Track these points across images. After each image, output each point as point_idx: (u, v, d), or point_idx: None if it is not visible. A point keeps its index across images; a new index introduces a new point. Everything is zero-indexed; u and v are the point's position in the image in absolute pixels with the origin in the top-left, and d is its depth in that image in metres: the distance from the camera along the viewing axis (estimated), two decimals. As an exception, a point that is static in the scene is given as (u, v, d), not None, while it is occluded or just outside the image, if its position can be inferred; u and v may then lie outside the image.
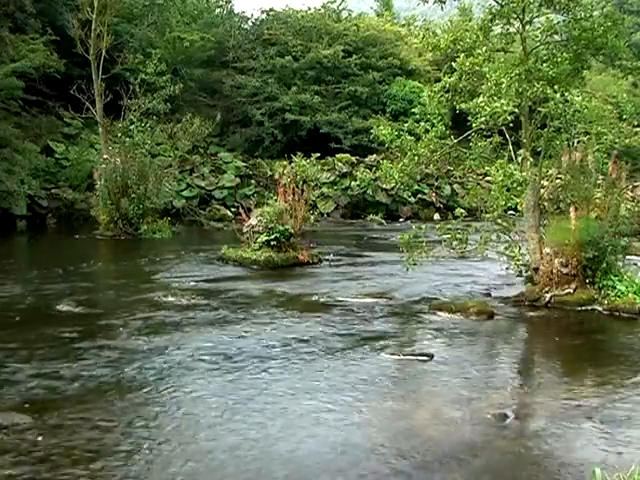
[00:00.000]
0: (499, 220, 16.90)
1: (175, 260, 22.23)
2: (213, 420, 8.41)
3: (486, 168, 17.68)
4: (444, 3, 17.14)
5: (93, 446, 7.61)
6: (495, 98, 14.66)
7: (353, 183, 38.21)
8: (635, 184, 33.75)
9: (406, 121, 18.34)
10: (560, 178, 17.63)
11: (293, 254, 21.24)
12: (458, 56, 16.20)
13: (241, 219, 23.80)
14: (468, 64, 15.93)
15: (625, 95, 25.52)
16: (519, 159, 15.95)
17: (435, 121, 16.66)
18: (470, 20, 24.08)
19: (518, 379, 11.04)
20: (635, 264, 16.65)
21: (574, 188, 16.23)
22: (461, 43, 16.33)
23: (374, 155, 41.05)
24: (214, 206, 38.54)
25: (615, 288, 15.24)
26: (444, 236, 17.36)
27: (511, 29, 16.26)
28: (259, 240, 21.10)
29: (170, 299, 15.65)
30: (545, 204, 17.04)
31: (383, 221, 38.69)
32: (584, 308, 15.15)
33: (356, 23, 54.96)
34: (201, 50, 47.92)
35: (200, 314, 14.29)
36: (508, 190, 15.36)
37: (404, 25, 69.02)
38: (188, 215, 36.58)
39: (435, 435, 8.19)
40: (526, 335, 14.43)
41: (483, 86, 15.37)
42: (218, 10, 55.84)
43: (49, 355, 11.09)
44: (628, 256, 16.56)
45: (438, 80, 17.59)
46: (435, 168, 30.96)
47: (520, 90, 15.05)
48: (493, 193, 16.11)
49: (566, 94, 15.50)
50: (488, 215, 17.05)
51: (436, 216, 40.27)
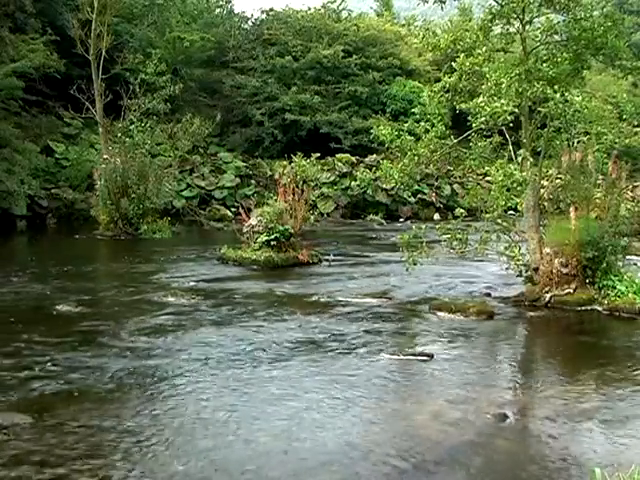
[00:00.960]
0: (499, 220, 16.89)
1: (175, 260, 22.25)
2: (214, 419, 8.41)
3: (486, 168, 17.68)
4: (444, 3, 17.14)
5: (93, 446, 7.60)
6: (495, 98, 14.66)
7: (353, 183, 38.17)
8: (635, 184, 33.78)
9: (406, 121, 18.34)
10: (560, 178, 17.64)
11: (293, 254, 21.24)
12: (458, 56, 16.20)
13: (241, 219, 23.81)
14: (468, 64, 15.94)
15: (625, 95, 25.52)
16: (519, 159, 15.94)
17: (435, 121, 16.66)
18: (470, 20, 24.15)
19: (518, 379, 11.04)
20: (635, 264, 16.67)
21: (574, 188, 16.23)
22: (461, 43, 16.33)
23: (374, 155, 41.06)
24: (214, 206, 38.58)
25: (615, 288, 15.24)
26: (444, 236, 17.34)
27: (511, 29, 16.27)
28: (259, 240, 21.10)
29: (170, 299, 15.65)
30: (545, 204, 17.04)
31: (383, 221, 38.71)
32: (584, 308, 15.15)
33: (356, 23, 55.00)
34: (201, 50, 47.95)
35: (200, 314, 14.29)
36: (508, 190, 15.36)
37: (404, 25, 69.10)
38: (188, 215, 36.60)
39: (435, 435, 8.18)
40: (526, 335, 14.42)
41: (483, 86, 15.37)
42: (218, 10, 55.89)
43: (48, 356, 11.07)
44: (628, 256, 16.56)
45: (438, 80, 17.58)
46: (435, 168, 30.94)
47: (520, 90, 15.06)
48: (493, 193, 16.11)
49: (566, 94, 15.50)
50: (488, 215, 17.03)
51: (436, 216, 40.29)
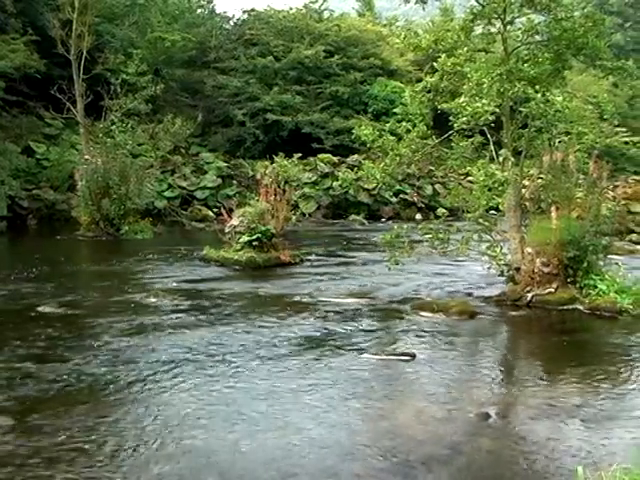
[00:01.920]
0: (481, 220, 16.90)
1: (157, 261, 22.18)
2: (196, 421, 8.40)
3: (468, 168, 17.70)
4: (425, 3, 17.23)
5: (76, 446, 7.58)
6: (476, 98, 14.70)
7: (335, 183, 38.21)
8: (616, 184, 33.91)
9: (388, 121, 18.29)
10: (541, 178, 17.66)
11: (275, 254, 21.21)
12: (439, 56, 16.22)
13: (223, 219, 23.79)
14: (449, 64, 15.95)
15: (606, 95, 25.64)
16: (500, 159, 16.00)
17: (417, 121, 16.66)
18: (451, 20, 24.11)
19: (500, 378, 11.05)
20: (616, 263, 16.71)
21: (555, 188, 16.28)
22: (442, 43, 16.34)
23: (356, 155, 41.03)
24: (196, 206, 38.46)
25: (596, 287, 15.29)
26: (426, 236, 17.35)
27: (492, 29, 16.32)
28: (241, 240, 21.06)
29: (152, 300, 15.61)
30: (526, 204, 17.06)
31: (365, 221, 38.72)
32: (566, 307, 15.20)
33: (338, 23, 55.03)
34: (182, 50, 47.85)
35: (182, 315, 14.26)
36: (489, 190, 15.40)
37: (386, 25, 69.07)
38: (170, 215, 36.50)
39: (418, 434, 8.19)
40: (508, 334, 14.47)
41: (464, 86, 15.39)
42: (200, 10, 55.73)
43: (30, 356, 11.04)
44: (609, 255, 16.63)
45: (420, 80, 17.62)
46: (417, 168, 31.15)
47: (501, 90, 15.11)
48: (475, 193, 16.15)
49: (547, 94, 15.55)
50: (470, 215, 17.05)
51: (418, 216, 40.24)
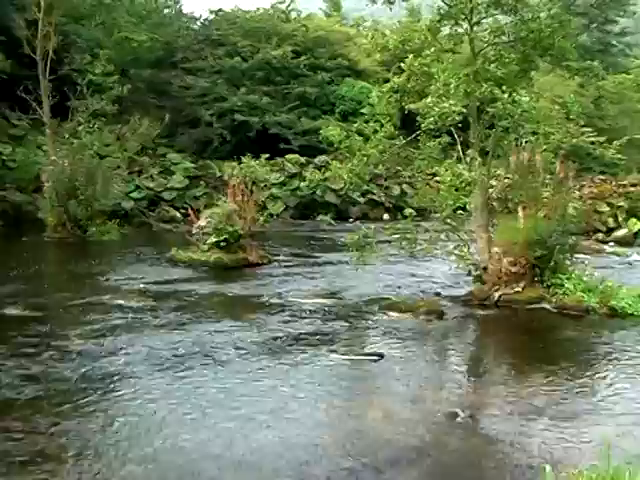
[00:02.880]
0: (448, 220, 16.96)
1: (124, 262, 22.06)
2: (161, 423, 8.36)
3: (435, 168, 17.74)
4: (393, 4, 17.24)
5: (41, 450, 7.53)
6: (444, 98, 14.76)
7: (302, 184, 38.24)
8: (582, 183, 34.12)
9: (355, 122, 18.31)
10: (508, 178, 17.76)
11: (243, 255, 21.16)
12: (407, 57, 16.26)
13: (190, 220, 23.72)
14: (417, 65, 16.01)
15: (572, 95, 25.66)
16: (468, 159, 16.06)
17: (384, 121, 16.68)
18: (419, 21, 24.17)
19: (468, 377, 11.09)
20: (583, 262, 16.83)
21: (522, 188, 16.37)
22: (410, 44, 16.40)
23: (323, 156, 40.93)
24: (163, 207, 38.25)
25: (563, 286, 15.41)
26: (393, 236, 17.39)
27: (459, 30, 16.37)
28: (208, 241, 21.00)
29: (120, 301, 15.51)
30: (494, 204, 17.14)
31: (332, 221, 38.59)
32: (533, 306, 15.29)
33: (305, 24, 55.02)
34: (149, 51, 47.61)
35: (150, 316, 14.18)
36: (457, 190, 15.48)
37: (353, 26, 69.23)
38: (137, 217, 36.25)
39: (386, 434, 8.20)
40: (476, 334, 14.53)
41: (432, 87, 15.45)
42: (167, 10, 55.48)
43: (-4, 359, 10.97)
44: (576, 255, 16.73)
45: (387, 81, 17.64)
46: (384, 168, 31.10)
47: (468, 90, 15.17)
48: (442, 193, 16.21)
49: (514, 94, 15.66)
50: (437, 215, 17.12)
51: (385, 216, 40.23)
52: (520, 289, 15.53)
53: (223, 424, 8.33)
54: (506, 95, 15.23)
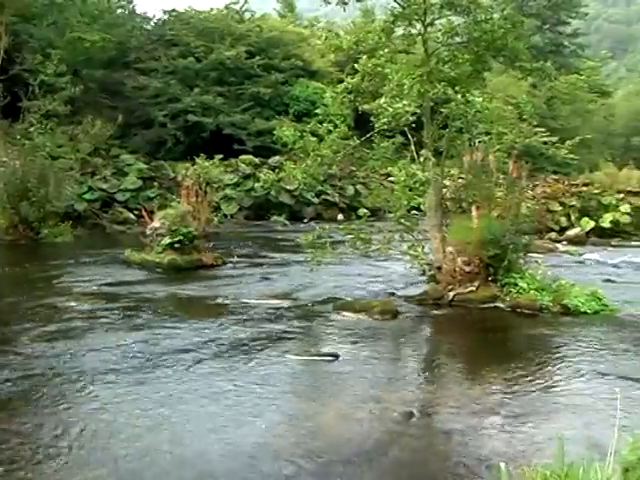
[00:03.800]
0: (402, 220, 17.00)
1: (77, 264, 21.86)
2: (118, 427, 8.27)
3: (389, 168, 17.80)
4: (346, 4, 17.24)
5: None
6: (397, 99, 14.79)
7: (256, 184, 38.27)
8: (535, 183, 34.40)
9: (309, 122, 18.27)
10: (462, 178, 17.86)
11: (197, 256, 21.09)
12: (361, 57, 16.29)
13: (144, 222, 23.58)
14: (370, 65, 16.04)
15: (525, 96, 25.92)
16: (421, 159, 16.11)
17: (338, 122, 16.68)
18: (373, 22, 24.28)
19: (423, 377, 11.12)
20: (536, 262, 16.95)
21: (476, 187, 16.45)
22: (363, 44, 16.42)
23: (277, 156, 40.94)
24: (117, 209, 37.98)
25: (517, 285, 15.51)
26: (348, 236, 17.41)
27: (413, 31, 16.42)
28: (162, 243, 20.89)
29: (72, 304, 15.36)
30: (447, 203, 17.22)
31: (287, 222, 38.65)
32: (487, 305, 15.38)
33: (259, 24, 55.08)
34: (102, 51, 47.25)
35: (103, 319, 14.04)
36: (411, 190, 15.51)
37: (307, 26, 69.31)
38: (90, 218, 35.93)
39: (342, 434, 8.19)
40: (430, 333, 14.58)
41: (385, 87, 15.49)
42: (120, 10, 55.11)
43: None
44: (529, 254, 16.87)
45: (341, 81, 17.64)
46: (338, 169, 31.17)
47: (422, 91, 15.23)
48: (396, 193, 16.25)
49: (467, 95, 15.70)
50: (391, 215, 17.16)
51: (340, 216, 40.27)
52: (474, 288, 15.61)
53: (175, 426, 8.26)
54: (459, 95, 15.27)
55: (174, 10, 53.78)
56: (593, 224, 32.52)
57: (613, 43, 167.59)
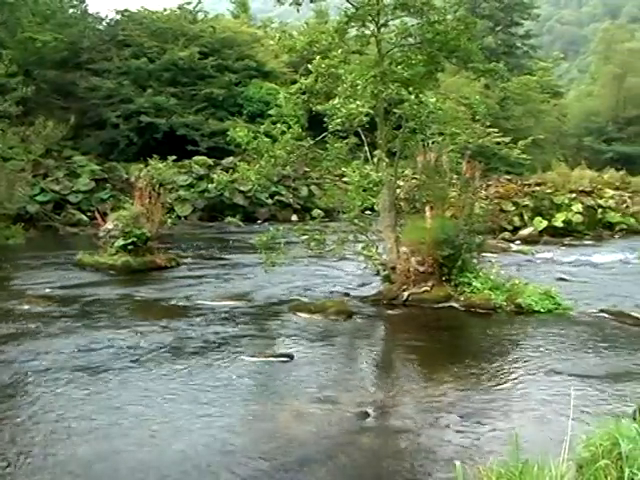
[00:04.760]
0: (356, 220, 17.04)
1: (29, 267, 21.64)
2: (69, 431, 8.20)
3: (343, 169, 17.79)
4: (300, 5, 17.24)
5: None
6: (351, 100, 14.80)
7: (210, 185, 38.14)
8: (488, 183, 34.64)
9: (263, 123, 18.24)
10: (415, 178, 17.94)
11: (150, 258, 20.98)
12: (314, 58, 16.29)
13: (97, 223, 23.41)
14: (324, 66, 16.04)
15: (478, 97, 26.00)
16: (375, 160, 16.13)
17: (292, 123, 16.66)
18: (326, 22, 24.29)
19: (378, 377, 11.15)
20: (490, 261, 17.07)
21: (429, 188, 16.52)
22: (317, 45, 16.42)
23: (231, 157, 40.87)
24: (69, 211, 37.68)
25: (471, 285, 15.60)
26: (302, 237, 17.41)
27: (366, 32, 16.48)
28: (116, 245, 20.76)
29: (25, 307, 15.21)
30: (401, 204, 17.29)
31: (241, 223, 38.60)
32: (441, 305, 15.45)
33: (212, 24, 54.95)
34: (54, 51, 46.87)
35: (56, 322, 13.92)
36: (364, 190, 15.53)
37: (260, 27, 69.26)
38: (42, 220, 35.63)
39: (298, 435, 8.19)
40: (385, 333, 14.61)
41: (339, 88, 15.50)
42: (72, 10, 54.58)
43: None
44: (483, 254, 16.98)
45: (294, 82, 17.66)
46: (292, 170, 31.14)
47: (375, 92, 15.26)
48: (350, 194, 16.27)
49: (420, 95, 15.76)
50: (345, 215, 17.19)
51: (294, 217, 40.26)
52: (428, 288, 15.68)
53: (129, 430, 8.20)
54: (413, 96, 15.32)
55: (127, 10, 53.47)
56: (546, 223, 32.81)
57: (565, 44, 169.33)
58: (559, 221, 33.03)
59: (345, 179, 18.43)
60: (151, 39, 50.39)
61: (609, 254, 25.73)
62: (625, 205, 38.09)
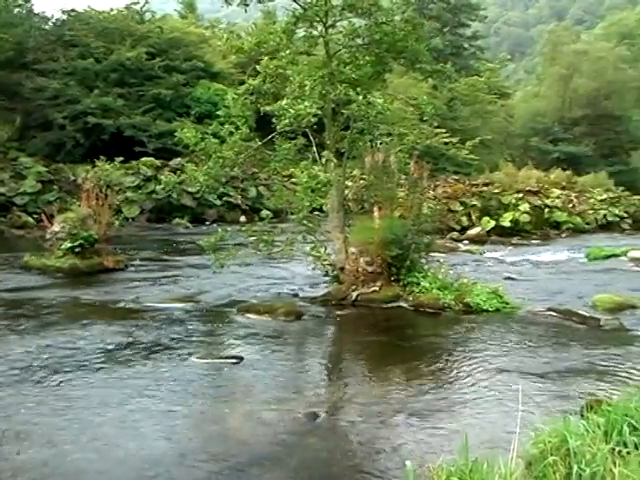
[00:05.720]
0: (305, 221, 17.03)
1: (-26, 269, 21.42)
2: (18, 435, 8.12)
3: (291, 170, 17.82)
4: (248, 6, 17.20)
5: None
6: (299, 100, 14.79)
7: (158, 187, 37.99)
8: (436, 183, 34.88)
9: (211, 124, 18.20)
10: (364, 178, 17.99)
11: (98, 260, 20.79)
12: (262, 59, 16.28)
13: (44, 226, 23.17)
14: (272, 67, 16.04)
15: (425, 97, 26.07)
16: (323, 160, 16.15)
17: (240, 124, 16.62)
18: (274, 23, 24.23)
19: (328, 377, 11.15)
20: (438, 261, 17.18)
21: (377, 188, 16.59)
22: (265, 46, 16.40)
23: (179, 158, 40.70)
24: (15, 213, 37.29)
25: (419, 285, 15.70)
26: (251, 238, 17.38)
27: (314, 32, 16.48)
28: (63, 247, 20.54)
29: (-32, 311, 15.05)
30: (350, 204, 17.33)
31: (189, 224, 38.47)
32: (390, 305, 15.53)
33: (160, 25, 54.73)
34: (-1, 51, 46.47)
35: (1, 325, 13.77)
36: (313, 191, 15.51)
37: (208, 27, 69.16)
38: (-13, 222, 35.36)
39: (248, 437, 8.17)
40: (334, 334, 14.62)
41: (287, 88, 15.48)
42: (17, 10, 53.98)
43: None
44: (431, 253, 17.08)
45: (242, 83, 17.63)
46: (240, 170, 31.07)
47: (323, 92, 15.27)
48: (298, 194, 16.24)
49: (368, 96, 15.81)
50: (294, 216, 17.17)
51: (242, 218, 40.17)
52: (377, 288, 15.74)
53: (75, 436, 8.11)
54: (361, 97, 15.37)
55: (73, 10, 53.04)
56: (494, 223, 33.16)
57: (512, 46, 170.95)
58: (507, 221, 33.41)
59: (293, 180, 18.46)
60: (98, 39, 50.06)
61: (556, 253, 26.07)
62: (571, 205, 38.66)
